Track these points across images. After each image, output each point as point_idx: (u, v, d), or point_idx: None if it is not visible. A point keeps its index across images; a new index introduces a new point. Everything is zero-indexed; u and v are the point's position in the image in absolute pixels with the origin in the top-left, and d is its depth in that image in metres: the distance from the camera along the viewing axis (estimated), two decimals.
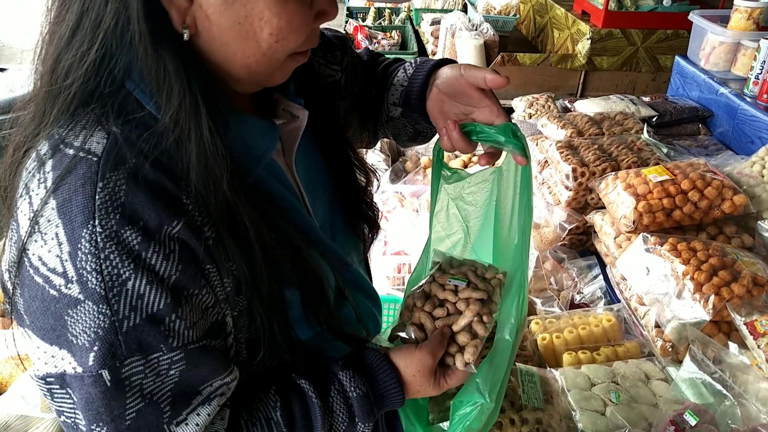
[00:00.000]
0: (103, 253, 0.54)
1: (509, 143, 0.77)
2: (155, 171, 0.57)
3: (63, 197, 0.54)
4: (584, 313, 1.36)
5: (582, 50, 2.95)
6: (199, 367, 0.60)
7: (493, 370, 0.79)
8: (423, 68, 0.87)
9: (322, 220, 0.80)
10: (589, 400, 1.16)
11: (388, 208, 2.01)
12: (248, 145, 0.66)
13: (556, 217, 1.61)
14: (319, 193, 0.81)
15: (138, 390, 0.57)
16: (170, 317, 0.57)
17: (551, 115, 1.85)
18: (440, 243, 0.97)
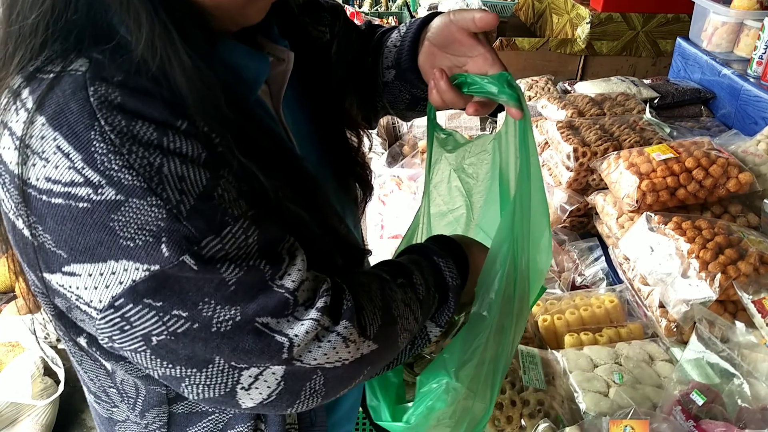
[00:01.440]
0: (124, 147, 0.49)
1: (502, 94, 0.69)
2: (149, 83, 0.53)
3: (52, 110, 0.49)
4: (586, 294, 1.33)
5: (581, 35, 2.91)
6: (270, 228, 0.57)
7: (465, 347, 0.71)
8: (414, 24, 0.83)
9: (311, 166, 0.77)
10: (591, 381, 1.13)
11: (386, 192, 1.97)
12: (240, 70, 0.63)
13: (556, 198, 1.58)
14: (306, 145, 0.78)
15: (228, 262, 0.53)
16: (218, 191, 0.53)
17: (551, 96, 1.81)
18: (442, 218, 0.92)
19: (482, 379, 0.73)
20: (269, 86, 0.72)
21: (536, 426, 1.04)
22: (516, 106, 0.69)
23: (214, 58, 0.59)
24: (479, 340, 0.71)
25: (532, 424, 1.04)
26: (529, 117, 0.72)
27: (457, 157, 0.86)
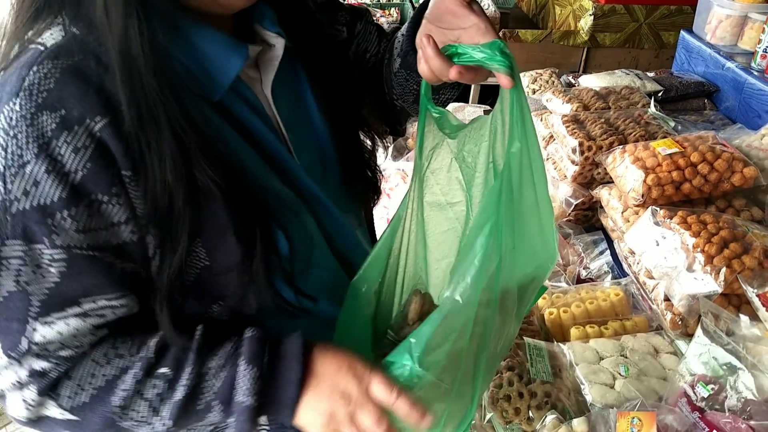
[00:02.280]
0: (13, 131, 0.54)
1: (492, 60, 0.63)
2: (99, 69, 0.56)
3: (2, 79, 0.56)
4: (591, 287, 1.34)
5: (584, 26, 2.91)
6: (82, 276, 0.59)
7: (434, 332, 0.65)
8: (420, 6, 0.81)
9: (308, 168, 0.77)
10: (597, 373, 1.14)
11: (391, 186, 1.98)
12: (209, 59, 0.64)
13: (561, 192, 1.59)
14: (308, 138, 0.79)
15: (14, 274, 0.56)
16: (62, 213, 0.56)
17: (556, 90, 1.82)
18: (440, 211, 0.83)
19: (458, 373, 0.68)
20: (261, 73, 0.73)
21: (543, 418, 1.06)
22: (507, 73, 0.64)
23: (184, 44, 0.62)
24: (450, 326, 0.65)
25: (540, 416, 1.06)
26: (522, 88, 0.67)
27: (459, 143, 0.79)
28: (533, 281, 0.76)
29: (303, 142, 0.78)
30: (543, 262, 0.76)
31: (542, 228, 0.73)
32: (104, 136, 0.56)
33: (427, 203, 0.82)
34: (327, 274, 0.79)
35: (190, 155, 0.60)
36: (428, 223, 0.83)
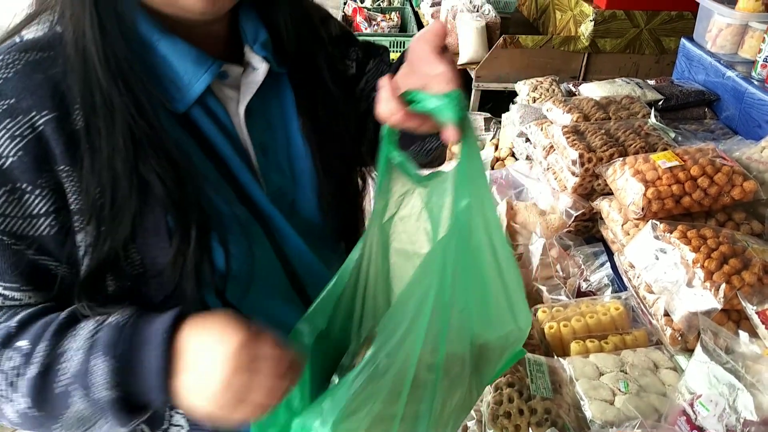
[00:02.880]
0: None
1: (444, 111, 0.59)
2: (65, 66, 0.60)
3: None
4: (591, 301, 1.35)
5: (585, 32, 2.91)
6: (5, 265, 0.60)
7: (353, 394, 0.57)
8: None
9: (275, 194, 0.76)
10: (597, 389, 1.15)
11: None
12: (175, 71, 0.66)
13: (561, 203, 1.60)
14: (282, 165, 0.78)
15: None
16: None
17: (556, 99, 1.82)
18: (407, 260, 0.76)
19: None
20: (240, 93, 0.74)
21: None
22: (455, 126, 0.60)
23: (153, 51, 0.64)
24: (377, 389, 0.58)
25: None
26: (474, 142, 0.62)
27: (428, 193, 0.74)
28: (503, 348, 0.71)
29: (275, 168, 0.77)
30: (513, 329, 0.71)
31: (508, 293, 0.68)
32: (46, 129, 0.59)
33: (395, 250, 0.77)
34: (277, 302, 0.78)
35: (139, 148, 0.62)
36: (394, 270, 0.78)
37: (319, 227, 0.83)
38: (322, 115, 0.80)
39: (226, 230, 0.69)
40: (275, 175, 0.77)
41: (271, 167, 0.77)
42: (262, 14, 0.74)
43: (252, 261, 0.73)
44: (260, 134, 0.75)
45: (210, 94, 0.70)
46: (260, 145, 0.75)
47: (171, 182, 0.63)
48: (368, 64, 0.90)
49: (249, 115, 0.74)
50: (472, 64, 3.09)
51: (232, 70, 0.72)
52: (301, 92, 0.78)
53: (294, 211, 0.80)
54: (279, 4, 0.75)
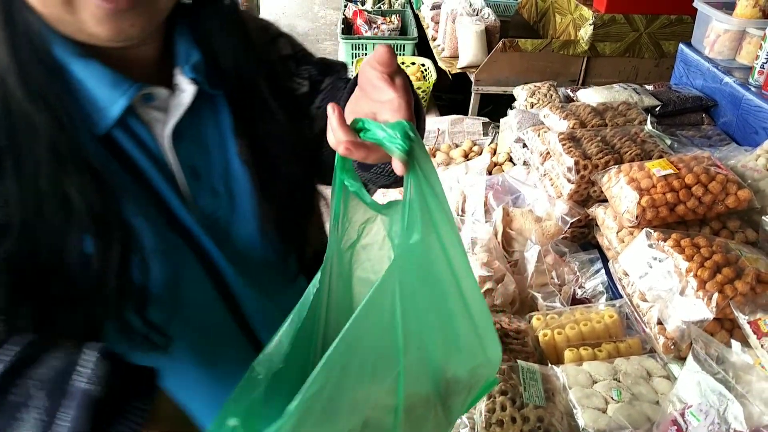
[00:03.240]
0: None
1: (392, 142, 0.56)
2: None
3: None
4: (586, 309, 1.35)
5: (584, 36, 2.92)
6: None
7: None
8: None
9: (205, 218, 0.75)
10: (590, 397, 1.15)
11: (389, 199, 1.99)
12: (92, 94, 0.65)
13: (557, 210, 1.60)
14: (215, 189, 0.76)
15: None
16: None
17: (553, 105, 1.82)
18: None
19: None
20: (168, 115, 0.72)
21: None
22: (401, 158, 0.56)
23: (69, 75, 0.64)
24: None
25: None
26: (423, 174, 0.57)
27: (389, 221, 0.70)
28: (473, 381, 0.70)
29: (208, 192, 0.75)
30: (483, 361, 0.69)
31: (475, 325, 0.66)
32: None
33: (358, 279, 0.74)
34: (214, 330, 0.78)
35: (62, 165, 0.62)
36: (358, 299, 0.74)
37: (262, 254, 0.80)
38: (262, 137, 0.78)
39: (148, 252, 0.68)
40: (208, 199, 0.75)
41: (203, 191, 0.75)
42: (197, 36, 0.74)
43: (176, 286, 0.72)
44: (191, 157, 0.74)
45: (134, 117, 0.69)
46: (191, 169, 0.74)
47: (94, 200, 0.63)
48: (323, 82, 0.88)
49: (178, 138, 0.72)
50: (472, 67, 3.10)
51: (158, 92, 0.71)
52: (239, 114, 0.76)
53: (231, 237, 0.78)
54: (213, 26, 0.74)
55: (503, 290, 1.42)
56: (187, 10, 0.73)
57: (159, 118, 0.71)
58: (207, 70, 0.73)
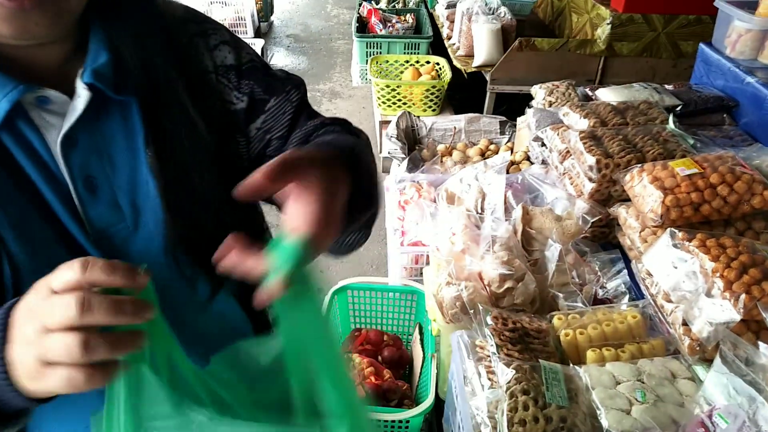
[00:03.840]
0: None
1: (277, 258, 0.51)
2: None
3: None
4: (608, 309, 1.33)
5: (602, 35, 2.90)
6: None
7: None
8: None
9: (101, 231, 0.70)
10: (614, 398, 1.14)
11: (406, 198, 1.98)
12: None
13: (578, 209, 1.58)
14: (119, 202, 0.71)
15: None
16: None
17: (573, 104, 1.81)
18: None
19: None
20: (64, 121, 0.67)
21: None
22: (283, 279, 0.51)
23: None
24: None
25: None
26: (308, 309, 0.53)
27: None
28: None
29: (105, 204, 0.70)
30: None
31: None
32: None
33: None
34: None
35: None
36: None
37: (165, 276, 0.72)
38: (177, 149, 0.72)
39: (21, 265, 0.63)
40: (105, 212, 0.70)
41: (99, 204, 0.69)
42: (109, 36, 0.69)
43: None
44: (85, 167, 0.68)
45: (23, 120, 0.64)
46: (85, 179, 0.68)
47: None
48: (268, 102, 0.81)
49: (71, 146, 0.67)
50: (487, 66, 3.08)
51: (54, 96, 0.65)
52: (152, 122, 0.70)
53: (129, 255, 0.71)
54: (125, 26, 0.70)
55: (523, 289, 1.40)
56: (105, 9, 0.69)
57: (54, 123, 0.66)
58: (115, 74, 0.68)
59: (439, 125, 2.55)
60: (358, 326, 1.97)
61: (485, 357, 1.33)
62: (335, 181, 0.59)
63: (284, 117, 0.82)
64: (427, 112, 3.28)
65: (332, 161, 0.61)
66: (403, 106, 3.23)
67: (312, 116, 0.85)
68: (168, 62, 0.73)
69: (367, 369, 1.61)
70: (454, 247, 1.54)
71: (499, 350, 1.25)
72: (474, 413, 1.23)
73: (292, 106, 0.82)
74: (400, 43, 3.89)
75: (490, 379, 1.28)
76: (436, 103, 3.31)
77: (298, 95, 0.83)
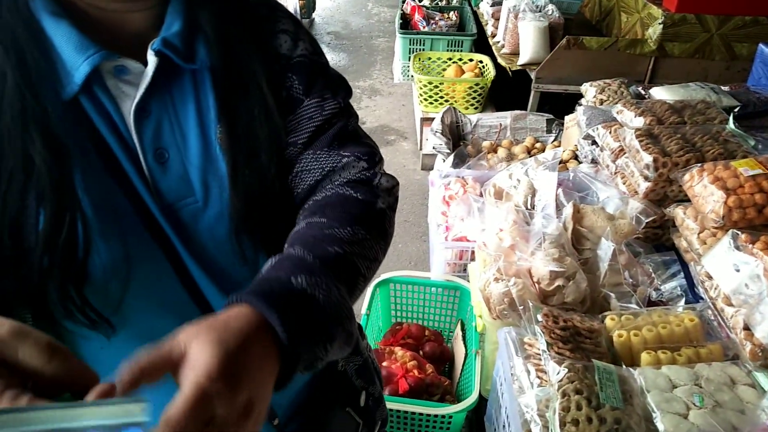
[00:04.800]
0: None
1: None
2: None
3: None
4: (664, 311, 1.29)
5: (653, 35, 2.83)
6: None
7: None
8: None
9: (170, 202, 0.68)
10: (670, 402, 1.10)
11: (450, 194, 1.96)
12: (60, 56, 0.61)
13: (631, 208, 1.54)
14: (189, 176, 0.69)
15: None
16: None
17: (627, 102, 1.76)
18: None
19: None
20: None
21: None
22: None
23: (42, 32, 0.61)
24: None
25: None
26: None
27: None
28: None
29: (175, 177, 0.68)
30: None
31: None
32: None
33: None
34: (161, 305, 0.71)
35: (27, 124, 0.58)
36: None
37: (230, 256, 0.72)
38: (250, 128, 0.70)
39: (96, 229, 0.63)
40: (174, 185, 0.68)
41: (169, 177, 0.67)
42: (187, 8, 0.67)
43: (125, 272, 0.65)
44: (157, 139, 0.67)
45: (101, 88, 0.63)
46: (155, 151, 0.67)
47: (53, 166, 0.59)
48: (302, 102, 0.75)
49: (144, 116, 0.66)
50: (533, 64, 3.04)
51: (131, 65, 0.64)
52: (225, 98, 0.68)
53: (196, 232, 0.70)
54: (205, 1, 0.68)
55: (574, 287, 1.37)
56: None
57: (130, 93, 0.65)
58: (187, 43, 0.66)
59: (484, 122, 2.52)
60: (399, 320, 1.95)
61: (534, 355, 1.31)
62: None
63: (309, 123, 0.75)
64: (469, 110, 3.25)
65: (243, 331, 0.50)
66: (445, 104, 3.20)
67: (345, 142, 0.76)
68: (246, 38, 0.71)
69: (410, 362, 1.60)
70: (502, 243, 1.51)
71: (550, 348, 1.22)
72: (523, 411, 1.20)
73: (322, 116, 0.75)
74: (443, 40, 3.87)
75: (539, 377, 1.25)
76: (478, 101, 3.27)
77: (335, 106, 0.76)
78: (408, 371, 1.57)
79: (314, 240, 0.64)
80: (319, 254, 0.61)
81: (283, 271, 0.58)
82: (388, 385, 1.56)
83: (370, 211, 0.72)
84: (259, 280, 0.57)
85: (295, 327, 0.53)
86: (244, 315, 0.51)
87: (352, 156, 0.75)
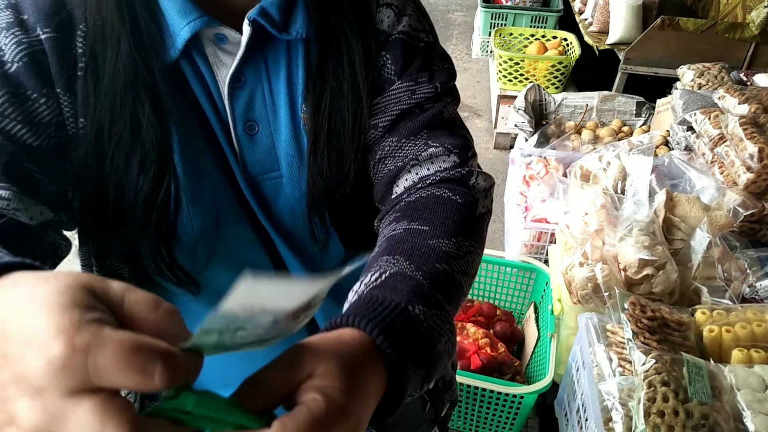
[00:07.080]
0: None
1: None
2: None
3: None
4: (760, 308, 1.24)
5: (756, 19, 2.66)
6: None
7: None
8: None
9: (254, 174, 0.69)
10: (763, 402, 1.06)
11: (531, 173, 1.92)
12: (164, 18, 0.62)
13: (729, 200, 1.47)
14: (277, 151, 0.68)
15: None
16: None
17: (731, 88, 1.67)
18: None
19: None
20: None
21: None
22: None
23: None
24: None
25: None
26: None
27: None
28: None
29: (261, 150, 0.68)
30: None
31: None
32: (46, 46, 0.58)
33: None
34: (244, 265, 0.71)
35: (137, 87, 0.59)
36: None
37: (303, 235, 0.72)
38: (336, 108, 0.67)
39: (193, 189, 0.64)
40: (260, 158, 0.68)
41: (256, 149, 0.67)
42: None
43: (212, 238, 0.67)
44: (249, 110, 0.66)
45: (200, 54, 0.64)
46: (246, 122, 0.67)
47: (159, 129, 0.60)
48: (394, 83, 0.70)
49: (238, 86, 0.65)
50: (622, 44, 2.92)
51: (229, 34, 0.63)
52: (316, 71, 0.66)
53: (276, 205, 0.70)
54: None
55: (664, 278, 1.32)
56: None
57: (227, 63, 0.65)
58: (284, 14, 0.64)
59: (569, 101, 2.44)
60: (470, 297, 1.94)
61: (617, 342, 1.27)
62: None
63: (395, 107, 0.70)
64: (550, 89, 3.15)
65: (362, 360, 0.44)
66: (525, 82, 3.12)
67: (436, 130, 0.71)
68: (346, 11, 0.68)
69: (482, 340, 1.59)
70: (588, 226, 1.47)
71: (636, 337, 1.19)
72: (603, 398, 1.18)
73: (411, 100, 0.70)
74: (527, 16, 3.75)
75: (621, 366, 1.22)
76: (560, 80, 3.17)
77: (429, 91, 0.70)
78: (480, 348, 1.57)
79: (420, 254, 0.59)
80: (428, 274, 0.56)
81: (398, 295, 0.51)
82: (459, 359, 1.56)
83: (471, 217, 0.67)
84: (374, 302, 0.50)
85: (411, 370, 0.48)
86: (367, 350, 0.45)
87: (441, 147, 0.69)
